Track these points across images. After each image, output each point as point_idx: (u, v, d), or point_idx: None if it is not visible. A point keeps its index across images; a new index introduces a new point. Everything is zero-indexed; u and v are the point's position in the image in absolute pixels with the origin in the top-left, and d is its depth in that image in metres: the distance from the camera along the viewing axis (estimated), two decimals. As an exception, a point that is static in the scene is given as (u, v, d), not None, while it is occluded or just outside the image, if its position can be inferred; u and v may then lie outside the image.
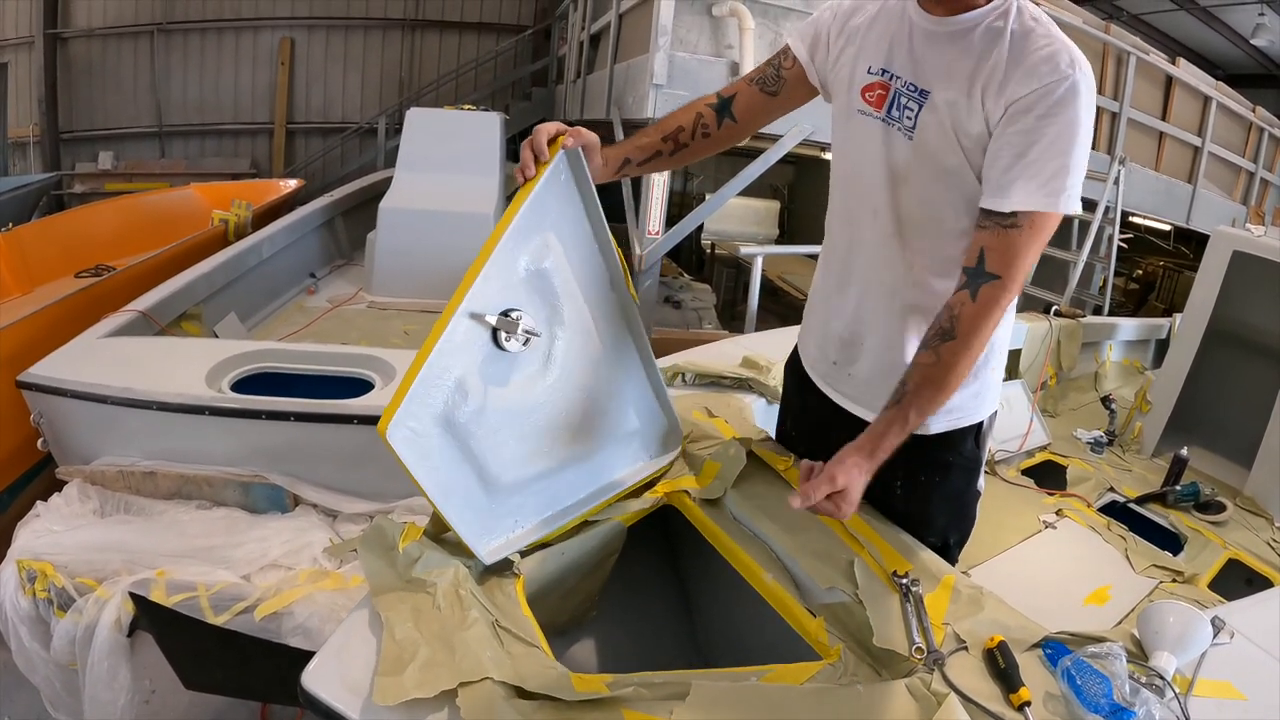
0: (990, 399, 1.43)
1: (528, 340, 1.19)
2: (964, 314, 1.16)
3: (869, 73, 1.29)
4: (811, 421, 1.58)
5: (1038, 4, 4.28)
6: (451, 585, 1.08)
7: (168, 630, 1.85)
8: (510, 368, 1.19)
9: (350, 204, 5.59)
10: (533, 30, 10.92)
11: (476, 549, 1.14)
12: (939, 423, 1.39)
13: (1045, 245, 1.18)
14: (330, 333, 3.90)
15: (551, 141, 1.24)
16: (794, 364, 1.63)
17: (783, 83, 1.44)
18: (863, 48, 1.31)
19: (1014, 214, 1.13)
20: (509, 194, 5.98)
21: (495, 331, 1.16)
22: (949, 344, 1.16)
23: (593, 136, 1.30)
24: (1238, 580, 2.63)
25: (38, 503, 2.17)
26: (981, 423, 1.43)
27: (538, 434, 1.25)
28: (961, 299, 1.17)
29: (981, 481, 1.50)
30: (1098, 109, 6.04)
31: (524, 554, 1.20)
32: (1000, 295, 1.15)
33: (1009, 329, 1.42)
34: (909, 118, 1.24)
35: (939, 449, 1.42)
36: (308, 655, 1.02)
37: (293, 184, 7.32)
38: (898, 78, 1.26)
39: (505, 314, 1.17)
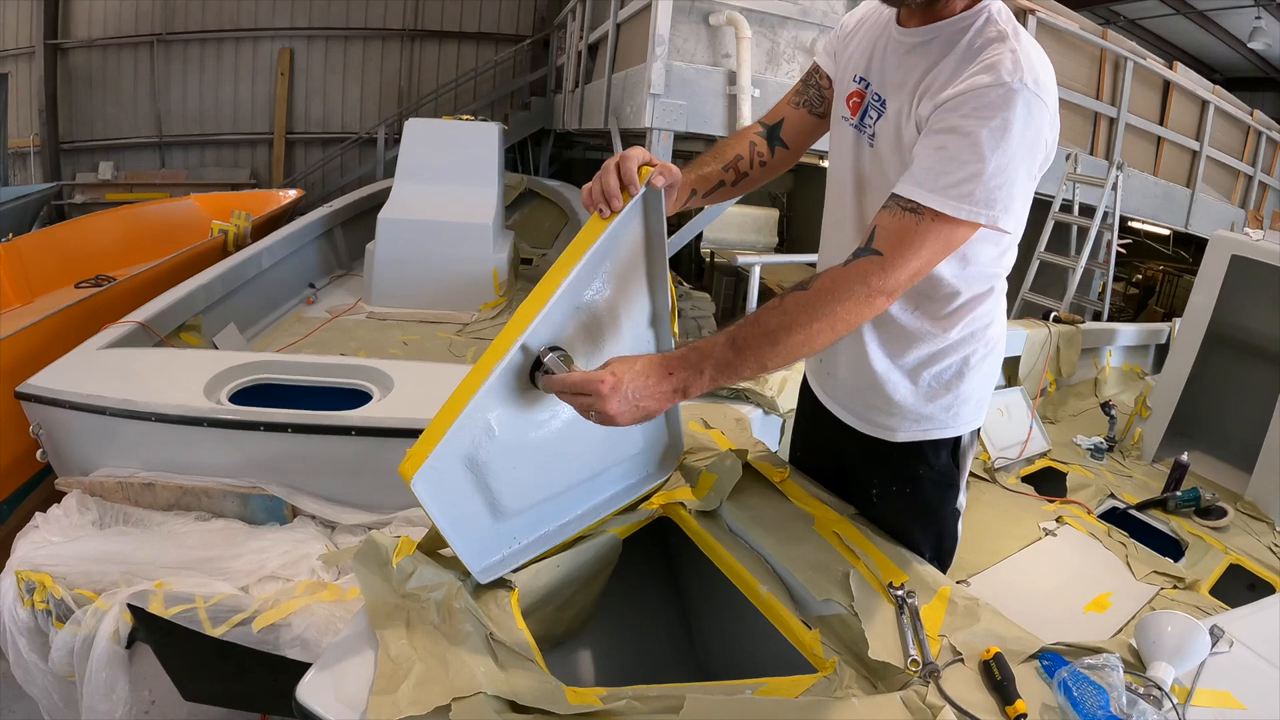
0: (968, 415, 1.40)
1: None
2: (826, 273, 1.08)
3: (853, 81, 1.31)
4: (813, 426, 1.59)
5: (1034, 11, 4.24)
6: (446, 599, 1.08)
7: (166, 642, 1.85)
8: (539, 405, 1.17)
9: (349, 214, 5.60)
10: (531, 40, 10.96)
11: (473, 569, 1.13)
12: (906, 430, 1.39)
13: (947, 252, 1.10)
14: (329, 343, 3.90)
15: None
16: (804, 379, 1.65)
17: (826, 103, 1.44)
18: (853, 56, 1.33)
19: (915, 202, 1.06)
20: (571, 224, 5.89)
21: (533, 372, 1.12)
22: (796, 293, 1.07)
23: (679, 174, 1.23)
24: (1239, 585, 2.62)
25: (37, 514, 2.16)
26: (960, 438, 1.41)
27: (550, 463, 1.23)
28: (827, 271, 1.10)
29: (962, 500, 1.48)
30: (1096, 114, 6.09)
31: (519, 568, 1.20)
32: (872, 271, 1.06)
33: (1000, 343, 1.41)
34: (870, 125, 1.26)
35: (908, 458, 1.41)
36: (306, 667, 1.02)
37: (292, 194, 7.34)
38: (870, 86, 1.28)
39: (550, 353, 1.11)
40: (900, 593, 1.17)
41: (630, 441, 1.37)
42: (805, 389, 1.63)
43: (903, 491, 1.42)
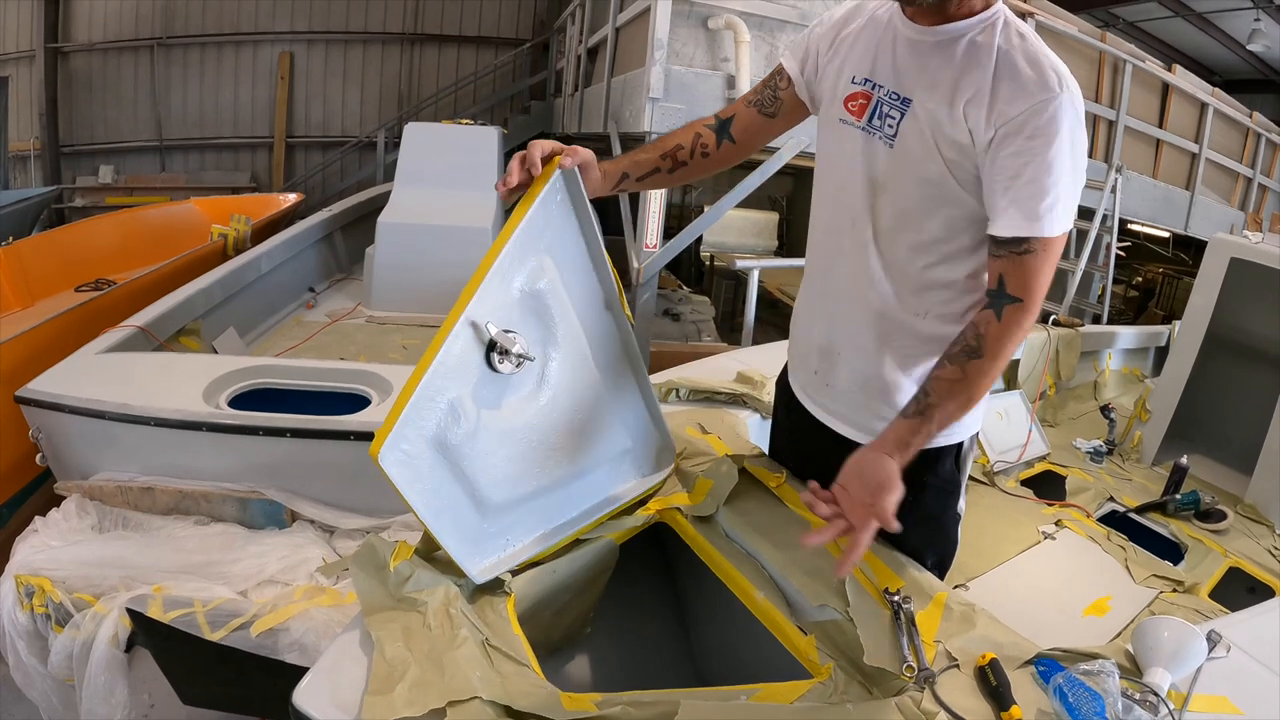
0: (970, 420, 1.42)
1: (520, 363, 1.18)
2: (990, 333, 1.18)
3: (853, 82, 1.30)
4: (798, 438, 1.57)
5: (1033, 14, 4.25)
6: (442, 604, 1.08)
7: (165, 646, 1.85)
8: (503, 390, 1.19)
9: (349, 218, 5.61)
10: (531, 44, 10.97)
11: (467, 568, 1.14)
12: None
13: (1057, 263, 1.20)
14: (329, 347, 3.90)
15: (547, 160, 1.22)
16: (783, 379, 1.63)
17: (780, 103, 1.44)
18: (848, 58, 1.32)
19: (1023, 240, 1.15)
20: (508, 209, 6.01)
21: (489, 354, 1.15)
22: (975, 361, 1.18)
23: (588, 153, 1.28)
24: (1239, 589, 2.62)
25: (36, 518, 2.17)
26: (961, 444, 1.42)
27: (530, 454, 1.24)
28: (987, 318, 1.19)
29: (962, 504, 1.48)
30: (1095, 117, 6.10)
31: (515, 572, 1.20)
32: (1023, 317, 1.18)
33: None
34: (890, 126, 1.24)
35: (914, 467, 1.37)
36: (304, 671, 1.02)
37: (292, 198, 7.35)
38: (880, 86, 1.26)
39: (504, 334, 1.16)
40: (896, 598, 1.16)
41: (613, 439, 1.37)
42: (788, 402, 1.59)
43: (905, 500, 1.41)
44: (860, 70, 1.29)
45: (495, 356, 1.15)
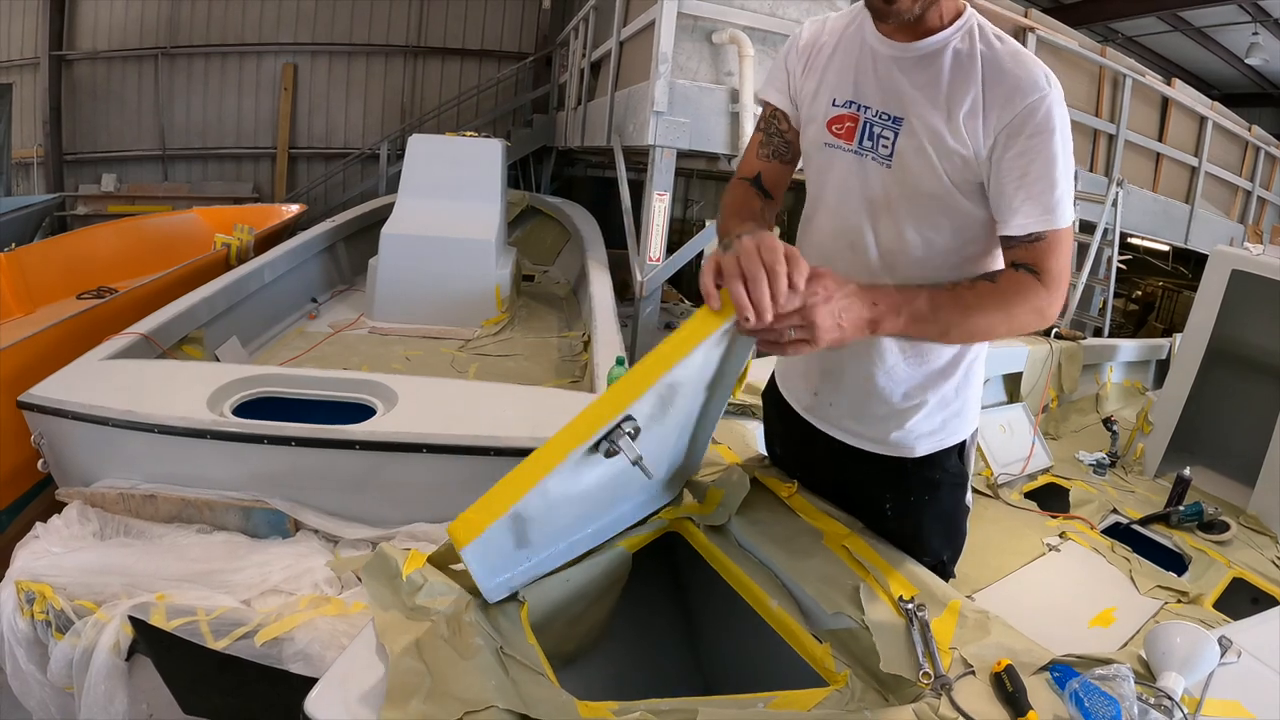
0: (971, 418, 1.45)
1: (624, 457, 1.06)
2: (1006, 276, 1.18)
3: (834, 105, 1.28)
4: (795, 442, 1.56)
5: (1033, 29, 4.28)
6: (455, 613, 1.07)
7: (167, 655, 1.84)
8: (591, 465, 1.11)
9: (352, 229, 5.63)
10: (534, 57, 11.01)
11: (484, 588, 1.12)
12: (925, 444, 1.40)
13: (1071, 250, 1.23)
14: (331, 358, 3.90)
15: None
16: (772, 393, 1.63)
17: (791, 148, 1.44)
18: (824, 80, 1.31)
19: (1031, 234, 1.17)
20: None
21: (597, 444, 1.04)
22: (985, 282, 1.17)
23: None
24: (1243, 599, 2.62)
25: (37, 524, 2.16)
26: (964, 441, 1.45)
27: (587, 508, 1.22)
28: (1007, 270, 1.20)
29: (969, 497, 1.51)
30: (1095, 132, 6.13)
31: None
32: (1035, 286, 1.17)
33: (984, 353, 1.43)
34: (885, 146, 1.23)
35: (927, 469, 1.42)
36: (308, 681, 1.01)
37: (295, 209, 7.36)
38: (867, 108, 1.25)
39: (624, 425, 1.04)
40: (910, 606, 1.16)
41: (657, 474, 1.33)
42: (783, 414, 1.57)
43: (921, 500, 1.43)
44: (841, 93, 1.28)
45: (605, 445, 1.05)
